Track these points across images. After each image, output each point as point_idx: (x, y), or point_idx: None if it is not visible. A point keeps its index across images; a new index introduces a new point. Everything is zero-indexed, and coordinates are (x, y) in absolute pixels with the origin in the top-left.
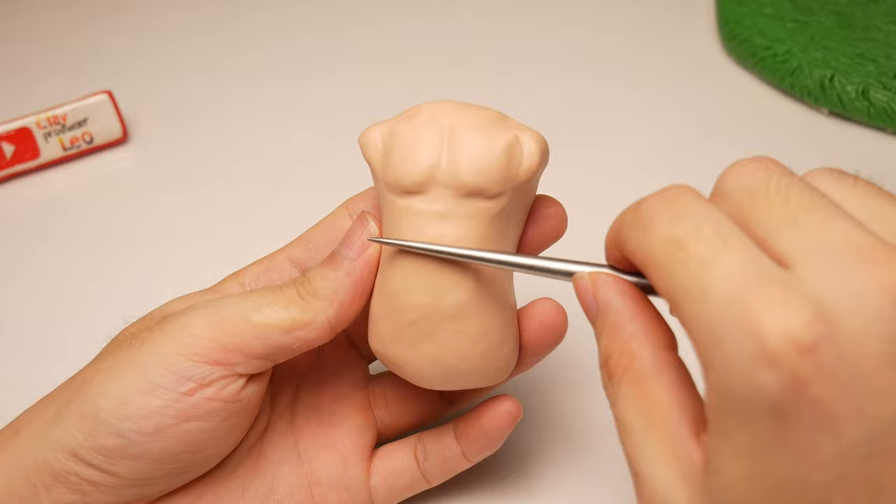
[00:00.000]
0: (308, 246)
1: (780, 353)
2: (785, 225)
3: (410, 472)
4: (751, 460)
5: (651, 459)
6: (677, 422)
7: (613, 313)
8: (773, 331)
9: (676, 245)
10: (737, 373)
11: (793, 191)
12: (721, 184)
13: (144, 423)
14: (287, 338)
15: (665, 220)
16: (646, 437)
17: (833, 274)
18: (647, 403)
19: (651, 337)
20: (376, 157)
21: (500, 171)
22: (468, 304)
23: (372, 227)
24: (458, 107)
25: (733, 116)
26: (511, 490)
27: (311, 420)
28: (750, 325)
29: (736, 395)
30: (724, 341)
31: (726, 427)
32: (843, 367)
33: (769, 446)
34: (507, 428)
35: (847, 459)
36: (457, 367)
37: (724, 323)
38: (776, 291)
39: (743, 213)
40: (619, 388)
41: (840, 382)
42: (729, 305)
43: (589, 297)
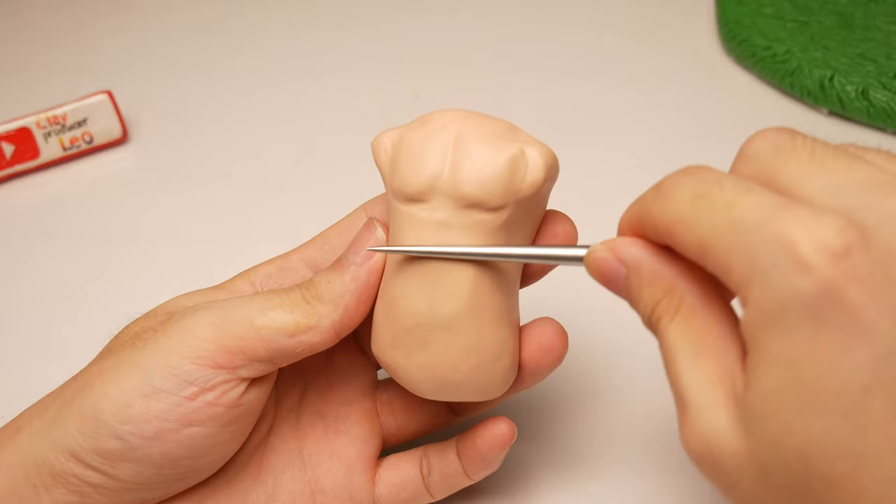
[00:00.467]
0: (324, 247)
1: (814, 259)
2: (812, 172)
3: (415, 485)
4: (787, 369)
5: (698, 384)
6: (727, 347)
7: (647, 265)
8: (806, 239)
9: (701, 197)
10: (774, 283)
11: (818, 144)
12: (745, 148)
13: (145, 426)
14: (291, 341)
15: (688, 184)
16: (695, 364)
17: (864, 199)
18: (700, 332)
19: (694, 273)
20: (386, 163)
21: (502, 184)
22: (464, 315)
23: (379, 233)
24: (468, 116)
25: (733, 116)
26: (507, 493)
27: (317, 426)
28: (783, 236)
29: (773, 305)
30: (760, 258)
31: (764, 342)
32: (878, 273)
33: (806, 352)
34: (500, 450)
35: (883, 363)
36: (449, 378)
37: (758, 242)
38: (805, 210)
39: (769, 170)
40: (671, 326)
41: (874, 287)
42: (761, 226)
43: (612, 264)
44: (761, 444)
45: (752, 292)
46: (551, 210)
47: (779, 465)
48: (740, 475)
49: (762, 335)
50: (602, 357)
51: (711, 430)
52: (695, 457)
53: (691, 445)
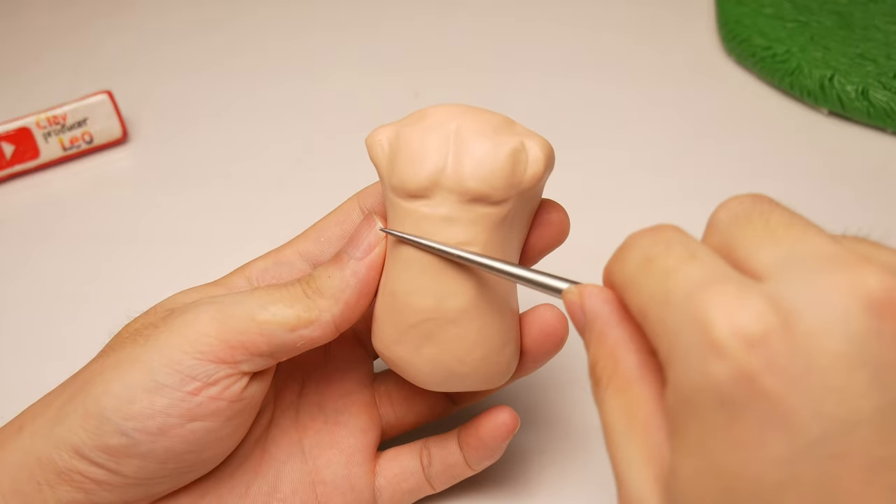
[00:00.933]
0: (319, 239)
1: (728, 344)
2: (764, 242)
3: (416, 476)
4: (704, 458)
5: (630, 461)
6: (656, 425)
7: (599, 321)
8: (722, 321)
9: (647, 261)
10: (689, 365)
11: (774, 213)
12: (712, 217)
13: (149, 422)
14: (291, 336)
15: (643, 245)
16: (627, 441)
17: (801, 277)
18: (630, 407)
19: (636, 342)
20: (382, 160)
21: (505, 177)
22: (469, 308)
23: (379, 227)
24: (465, 111)
25: (733, 116)
26: (511, 493)
27: (317, 418)
28: (701, 317)
29: (689, 389)
30: (680, 336)
31: (682, 425)
32: (799, 362)
33: (721, 443)
34: (503, 439)
35: (801, 459)
36: (456, 370)
37: (681, 319)
38: (731, 288)
39: (728, 239)
40: (605, 394)
41: (794, 378)
42: (685, 302)
43: (577, 309)
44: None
45: (671, 372)
46: (546, 199)
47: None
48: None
49: (680, 419)
50: None
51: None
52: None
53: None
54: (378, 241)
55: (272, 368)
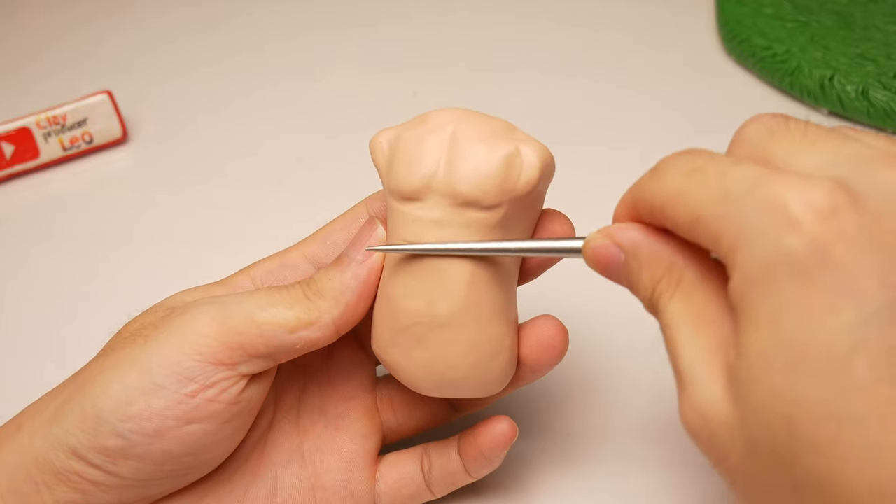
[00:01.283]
0: (326, 243)
1: (803, 218)
2: (804, 150)
3: (416, 483)
4: (773, 330)
5: (695, 358)
6: (724, 320)
7: (645, 246)
8: (796, 199)
9: (696, 171)
10: (762, 244)
11: (811, 126)
12: (740, 132)
13: (146, 424)
14: (291, 337)
15: (683, 162)
16: (693, 338)
17: (854, 170)
18: (698, 307)
19: (691, 251)
20: (383, 162)
21: (497, 182)
22: (461, 313)
23: (380, 231)
24: (465, 115)
25: (733, 116)
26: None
27: (318, 422)
28: (773, 197)
29: (761, 266)
30: (749, 221)
31: (752, 305)
32: (866, 234)
33: (793, 312)
34: (501, 449)
35: (868, 324)
36: (447, 376)
37: (749, 206)
38: (796, 176)
39: (762, 151)
40: (670, 304)
41: (862, 248)
42: (752, 190)
43: (610, 250)
44: (749, 411)
45: (741, 256)
46: (548, 209)
47: (764, 433)
48: (731, 447)
49: (749, 298)
50: (601, 354)
51: (706, 402)
52: (690, 431)
53: (687, 420)
54: (379, 243)
55: (272, 371)
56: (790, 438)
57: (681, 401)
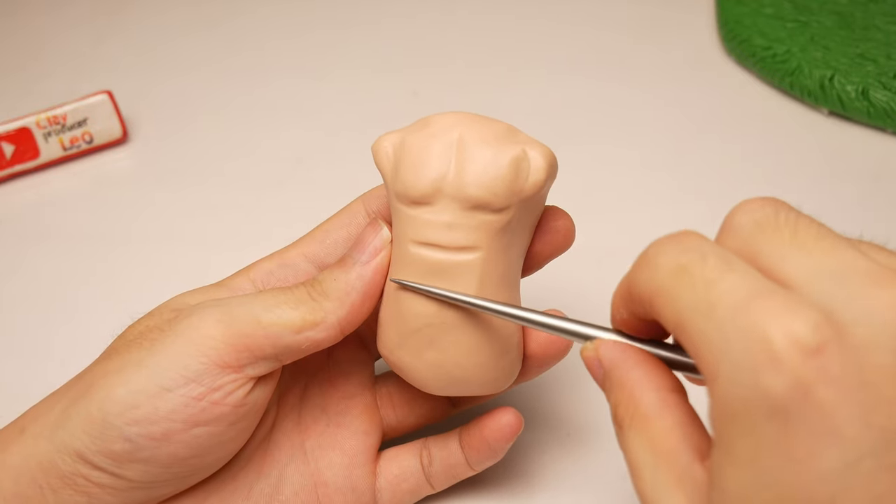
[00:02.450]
0: (325, 241)
1: (785, 355)
2: (793, 252)
3: (416, 477)
4: (752, 471)
5: (660, 491)
6: (682, 451)
7: (617, 368)
8: (779, 333)
9: (683, 271)
10: (742, 378)
11: (802, 222)
12: (729, 220)
13: (152, 427)
14: (297, 338)
15: (672, 253)
16: (655, 472)
17: (841, 291)
18: (654, 441)
19: (654, 381)
20: (387, 167)
21: (506, 185)
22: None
23: (385, 232)
24: (469, 119)
25: (733, 116)
26: (508, 491)
27: (319, 420)
28: (755, 329)
29: (740, 402)
30: (730, 349)
31: (729, 439)
32: (851, 374)
33: (772, 455)
34: (508, 440)
35: (852, 471)
36: (457, 375)
37: (730, 331)
38: (781, 301)
39: (751, 246)
40: (629, 434)
41: (847, 389)
42: (735, 314)
43: (595, 363)
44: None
45: (720, 385)
46: (550, 206)
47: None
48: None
49: (728, 432)
50: None
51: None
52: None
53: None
54: (384, 244)
55: (276, 373)
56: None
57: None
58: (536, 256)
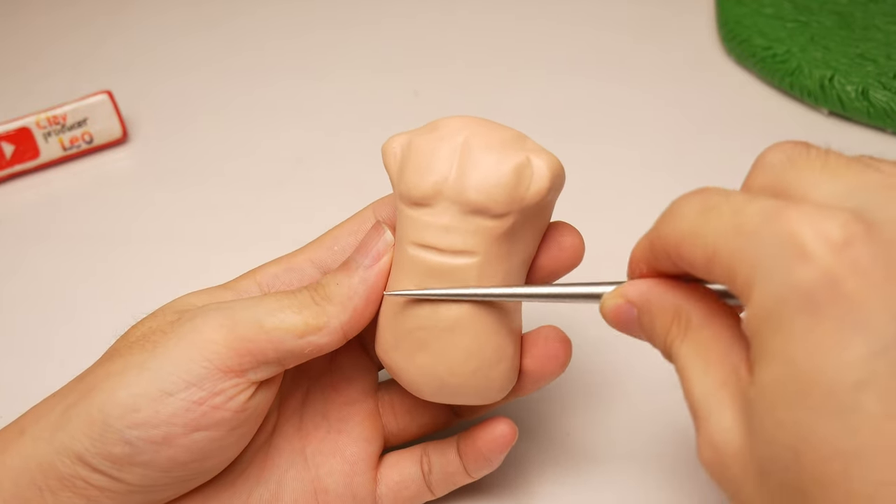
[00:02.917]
0: (333, 248)
1: (815, 249)
2: (823, 179)
3: (416, 483)
4: (783, 364)
5: (708, 392)
6: (730, 353)
7: (653, 297)
8: (808, 230)
9: (709, 209)
10: (774, 276)
11: (832, 155)
12: (760, 159)
13: (153, 431)
14: (300, 342)
15: (696, 201)
16: (705, 374)
17: (873, 200)
18: (706, 347)
19: (696, 297)
20: (394, 167)
21: (507, 191)
22: (465, 318)
23: (388, 236)
24: (477, 124)
25: (733, 116)
26: (508, 491)
27: (320, 426)
28: (786, 230)
29: (773, 300)
30: (763, 255)
31: (765, 339)
32: (880, 267)
33: (802, 346)
34: (501, 450)
35: (877, 360)
36: (447, 381)
37: (762, 239)
38: (811, 207)
39: (782, 180)
40: (682, 347)
41: (876, 280)
42: (765, 224)
43: (623, 308)
44: (760, 442)
45: (755, 290)
46: (559, 221)
47: (775, 466)
48: (743, 479)
49: (762, 331)
50: (602, 355)
51: (717, 433)
52: (707, 465)
53: (703, 455)
54: (386, 249)
55: (278, 378)
56: (799, 474)
57: (697, 439)
58: (540, 271)
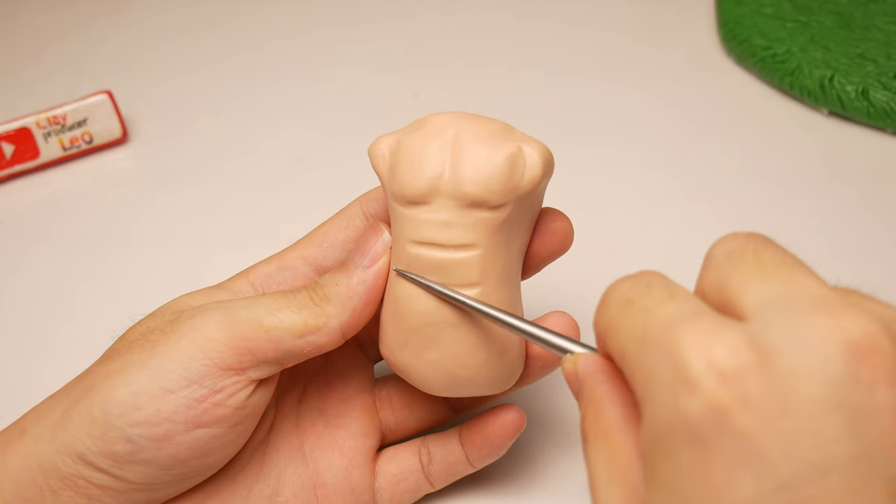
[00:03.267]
0: (323, 244)
1: (701, 378)
2: (754, 280)
3: (415, 475)
4: (672, 497)
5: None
6: (637, 469)
7: (589, 381)
8: (698, 356)
9: (628, 303)
10: (662, 401)
11: (768, 252)
12: (709, 253)
13: (155, 429)
14: (299, 342)
15: (623, 290)
16: (608, 488)
17: (785, 317)
18: (612, 456)
19: (621, 396)
20: (384, 168)
21: (503, 182)
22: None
23: (386, 236)
24: (463, 118)
25: (733, 116)
26: (508, 491)
27: (317, 422)
28: (677, 352)
29: (661, 426)
30: (655, 373)
31: (654, 464)
32: (774, 402)
33: (690, 482)
34: (511, 437)
35: (770, 499)
36: (459, 375)
37: (656, 355)
38: (707, 323)
39: (722, 276)
40: (591, 446)
41: (768, 417)
42: (661, 337)
43: (573, 376)
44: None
45: (646, 410)
46: (549, 207)
47: None
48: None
49: (654, 454)
50: None
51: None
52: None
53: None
54: (385, 249)
55: (276, 376)
56: None
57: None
58: (535, 258)
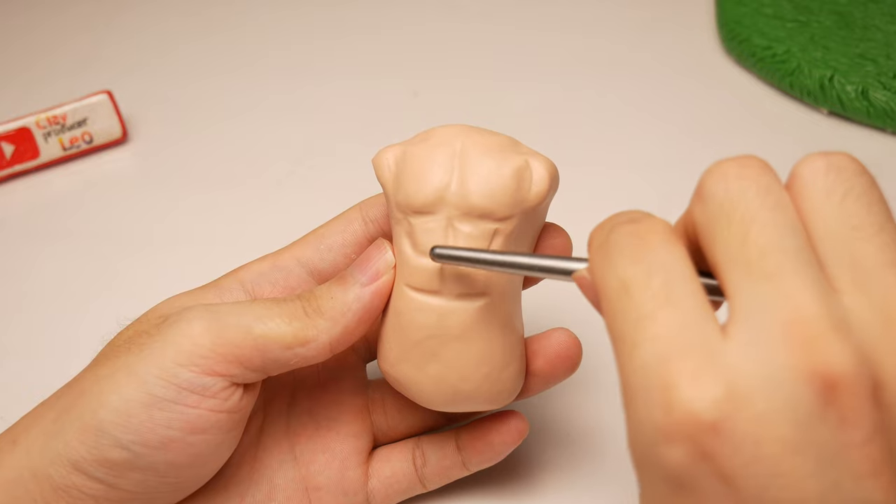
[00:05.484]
0: (319, 246)
1: (682, 429)
2: (738, 265)
3: (408, 477)
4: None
5: None
6: None
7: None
8: (679, 405)
9: (626, 289)
10: (643, 436)
11: (755, 225)
12: (701, 184)
13: (149, 436)
14: (286, 353)
15: (626, 256)
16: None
17: (758, 348)
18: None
19: None
20: (388, 178)
21: (510, 194)
22: (472, 325)
23: (389, 256)
24: (470, 131)
25: (733, 116)
26: (507, 492)
27: (308, 425)
28: (659, 394)
29: (642, 454)
30: (637, 404)
31: (640, 475)
32: (747, 449)
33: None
34: (513, 443)
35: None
36: (460, 389)
37: (640, 385)
38: (693, 365)
39: (709, 230)
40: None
41: (742, 464)
42: (647, 369)
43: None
44: None
45: (628, 423)
46: (549, 223)
47: None
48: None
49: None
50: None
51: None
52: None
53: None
54: (387, 268)
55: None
56: None
57: None
58: None
